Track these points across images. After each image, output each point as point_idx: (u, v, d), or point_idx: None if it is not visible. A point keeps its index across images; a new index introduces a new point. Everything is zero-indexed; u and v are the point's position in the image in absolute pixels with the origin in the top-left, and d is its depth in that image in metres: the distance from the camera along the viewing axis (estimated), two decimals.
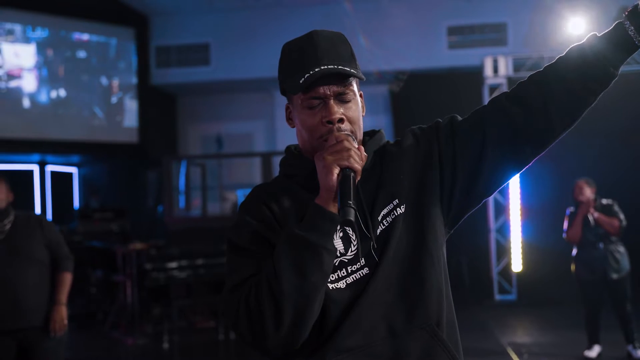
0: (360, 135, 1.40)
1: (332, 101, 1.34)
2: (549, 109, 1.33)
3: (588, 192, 5.42)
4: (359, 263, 1.34)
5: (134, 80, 10.24)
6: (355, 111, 1.39)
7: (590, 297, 5.50)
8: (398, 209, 1.37)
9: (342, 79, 1.35)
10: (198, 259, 6.88)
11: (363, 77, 1.37)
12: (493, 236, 8.77)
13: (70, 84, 9.71)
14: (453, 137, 1.40)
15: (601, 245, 5.35)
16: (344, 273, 1.34)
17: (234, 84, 10.45)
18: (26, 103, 9.34)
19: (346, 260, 1.34)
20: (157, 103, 10.67)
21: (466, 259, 9.23)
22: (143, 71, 10.25)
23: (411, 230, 1.36)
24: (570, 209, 5.59)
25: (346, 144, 1.29)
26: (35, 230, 3.62)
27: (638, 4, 1.26)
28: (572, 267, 5.60)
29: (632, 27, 1.27)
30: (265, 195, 1.40)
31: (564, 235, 5.62)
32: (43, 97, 9.48)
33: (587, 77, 1.32)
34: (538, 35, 9.25)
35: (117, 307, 7.24)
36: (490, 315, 7.79)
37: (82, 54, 9.80)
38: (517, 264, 8.49)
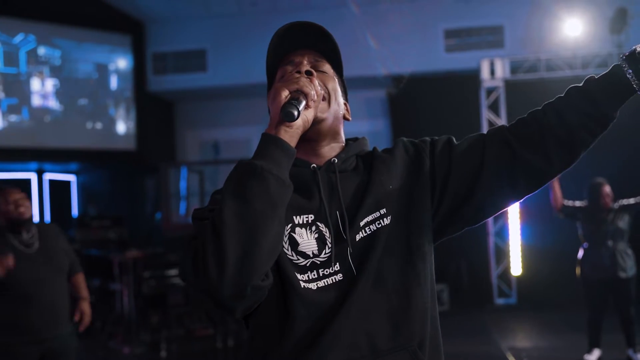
0: (341, 112, 1.37)
1: (305, 61, 1.35)
2: (548, 148, 1.30)
3: (612, 197, 5.42)
4: (332, 267, 1.27)
5: (130, 87, 10.22)
6: (331, 82, 1.36)
7: (595, 299, 5.43)
8: (385, 219, 1.31)
9: (318, 50, 1.37)
10: None
11: (339, 54, 1.38)
12: (492, 239, 8.74)
13: (66, 93, 9.68)
14: (450, 155, 1.36)
15: (610, 243, 5.32)
16: (314, 275, 1.26)
17: (231, 89, 10.44)
18: (23, 112, 9.32)
19: (319, 262, 1.27)
20: (154, 110, 10.65)
21: (465, 262, 9.19)
22: (140, 78, 10.24)
23: (397, 245, 1.30)
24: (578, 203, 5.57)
25: (297, 75, 1.27)
26: (58, 240, 3.78)
27: (636, 48, 1.24)
28: (578, 270, 5.54)
29: (631, 71, 1.24)
30: None
31: (555, 209, 5.60)
32: (40, 106, 9.45)
33: (587, 120, 1.29)
34: (535, 37, 9.23)
35: (114, 316, 7.20)
36: (490, 319, 7.75)
37: (78, 61, 9.77)
38: (516, 268, 8.46)
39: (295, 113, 1.18)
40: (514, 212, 8.41)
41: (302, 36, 1.36)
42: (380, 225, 1.30)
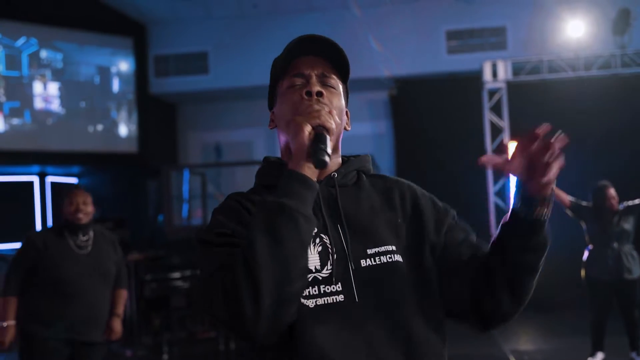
0: (339, 129, 1.35)
1: (314, 78, 1.34)
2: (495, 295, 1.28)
3: (617, 199, 5.38)
4: (333, 286, 1.24)
5: (132, 89, 10.22)
6: (339, 100, 1.36)
7: (599, 301, 5.39)
8: (395, 255, 1.30)
9: (328, 63, 1.37)
10: (198, 268, 6.83)
11: (348, 68, 1.38)
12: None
13: (68, 95, 9.68)
14: (446, 235, 1.37)
15: (615, 245, 5.29)
16: (315, 291, 1.24)
17: (233, 92, 10.43)
18: (26, 115, 9.32)
19: (320, 278, 1.25)
20: (156, 112, 10.64)
21: None
22: (142, 80, 10.23)
23: (412, 286, 1.29)
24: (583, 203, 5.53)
25: (316, 106, 1.25)
26: (110, 247, 3.83)
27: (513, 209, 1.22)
28: (582, 272, 5.50)
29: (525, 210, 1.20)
30: (240, 198, 1.35)
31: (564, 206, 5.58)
32: (42, 109, 9.45)
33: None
34: (537, 38, 9.22)
35: None
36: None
37: (80, 64, 9.78)
38: None
39: (327, 160, 1.19)
40: None
41: (310, 43, 1.36)
42: (390, 259, 1.29)
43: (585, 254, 5.50)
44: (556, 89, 8.61)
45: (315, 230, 1.26)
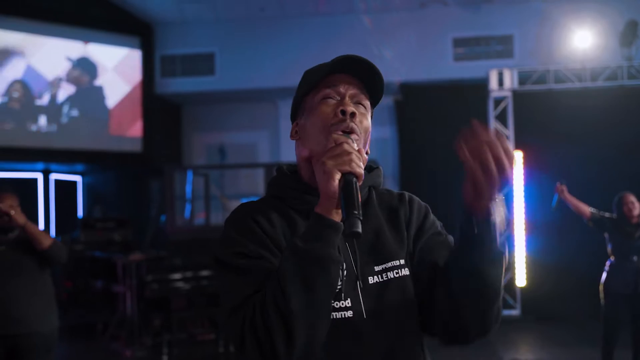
0: (365, 149, 1.36)
1: (347, 98, 1.34)
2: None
3: (638, 208, 5.26)
4: (342, 302, 1.28)
5: (138, 89, 10.23)
6: (366, 121, 1.36)
7: (613, 313, 5.26)
8: (403, 270, 1.33)
9: (363, 85, 1.37)
10: (199, 269, 6.83)
11: (381, 92, 1.39)
12: None
13: (73, 93, 9.71)
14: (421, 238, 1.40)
15: (635, 259, 5.21)
16: None
17: (238, 93, 10.45)
18: (31, 112, 9.35)
19: None
20: (161, 112, 10.66)
21: None
22: (148, 80, 10.26)
23: (410, 297, 1.34)
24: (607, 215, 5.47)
25: (346, 147, 1.22)
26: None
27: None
28: (602, 285, 5.35)
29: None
30: (252, 210, 1.34)
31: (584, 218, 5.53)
32: (47, 106, 9.48)
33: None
34: (544, 48, 9.21)
35: (116, 318, 7.19)
36: (493, 331, 7.69)
37: (86, 62, 9.81)
38: (521, 279, 8.41)
39: (360, 229, 1.16)
40: (519, 223, 8.36)
41: (348, 63, 1.36)
42: (398, 275, 1.33)
43: (607, 265, 5.41)
44: (562, 99, 8.59)
45: None
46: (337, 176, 1.19)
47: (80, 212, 11.04)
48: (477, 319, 1.29)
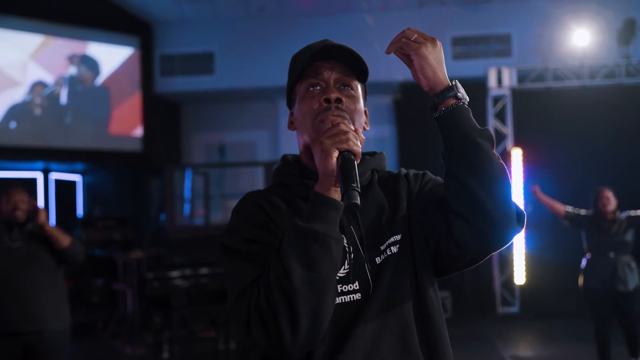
0: (359, 131, 1.37)
1: (332, 83, 1.37)
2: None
3: (614, 204, 5.26)
4: (351, 285, 1.29)
5: (138, 88, 10.25)
6: (356, 103, 1.38)
7: (599, 311, 5.26)
8: (399, 245, 1.35)
9: (347, 67, 1.40)
10: (199, 267, 6.85)
11: (367, 72, 1.41)
12: None
13: (73, 92, 9.72)
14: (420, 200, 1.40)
15: (612, 255, 5.19)
16: None
17: (238, 93, 10.46)
18: (30, 111, 9.36)
19: (338, 277, 1.28)
20: (161, 111, 10.67)
21: (469, 270, 9.15)
22: (147, 79, 10.27)
23: (411, 274, 1.34)
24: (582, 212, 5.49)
25: (342, 126, 1.25)
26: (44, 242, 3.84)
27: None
28: (580, 281, 5.41)
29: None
30: (258, 198, 1.37)
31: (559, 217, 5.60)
32: (47, 105, 9.50)
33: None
34: (543, 46, 9.23)
35: (117, 316, 7.21)
36: (493, 328, 7.73)
37: (85, 61, 9.82)
38: (520, 276, 8.44)
39: (359, 199, 1.18)
40: None
41: (325, 51, 1.39)
42: (397, 249, 1.34)
43: (583, 263, 5.42)
44: (560, 97, 8.63)
45: None
46: (335, 154, 1.22)
47: (80, 211, 11.05)
48: (491, 202, 1.24)
